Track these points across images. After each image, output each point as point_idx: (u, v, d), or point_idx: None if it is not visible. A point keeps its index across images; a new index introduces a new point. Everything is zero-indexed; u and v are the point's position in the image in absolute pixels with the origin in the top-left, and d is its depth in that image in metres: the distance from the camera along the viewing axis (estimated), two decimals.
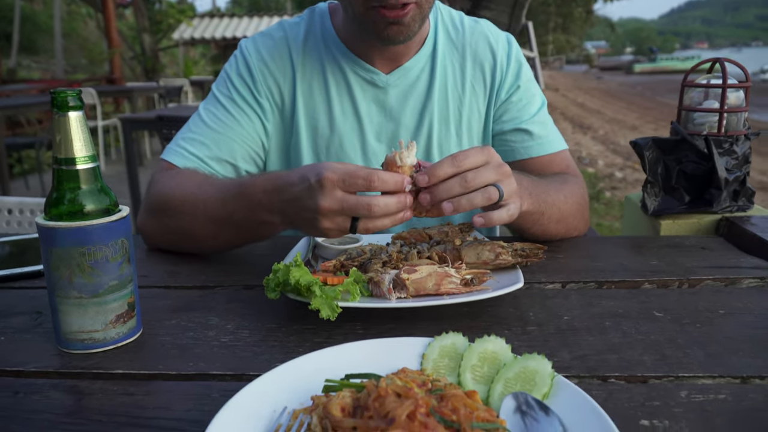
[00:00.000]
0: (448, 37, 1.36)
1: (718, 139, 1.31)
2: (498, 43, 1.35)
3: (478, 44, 1.35)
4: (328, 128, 1.31)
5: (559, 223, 1.19)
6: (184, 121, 1.25)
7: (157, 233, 1.20)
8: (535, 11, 23.04)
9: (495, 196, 0.90)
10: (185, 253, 1.19)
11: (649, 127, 15.38)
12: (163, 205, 1.17)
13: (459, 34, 1.36)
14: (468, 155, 0.90)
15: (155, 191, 1.20)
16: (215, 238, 1.12)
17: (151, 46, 15.09)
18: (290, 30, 1.33)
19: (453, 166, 0.89)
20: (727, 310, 0.91)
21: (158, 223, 1.19)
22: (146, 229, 1.21)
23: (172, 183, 1.19)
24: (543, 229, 1.17)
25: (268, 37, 1.33)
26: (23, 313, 0.93)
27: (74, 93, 0.78)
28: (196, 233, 1.13)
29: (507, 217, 0.93)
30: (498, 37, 1.36)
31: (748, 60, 52.55)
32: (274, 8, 31.36)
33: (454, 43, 1.36)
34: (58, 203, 0.79)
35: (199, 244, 1.16)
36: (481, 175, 0.89)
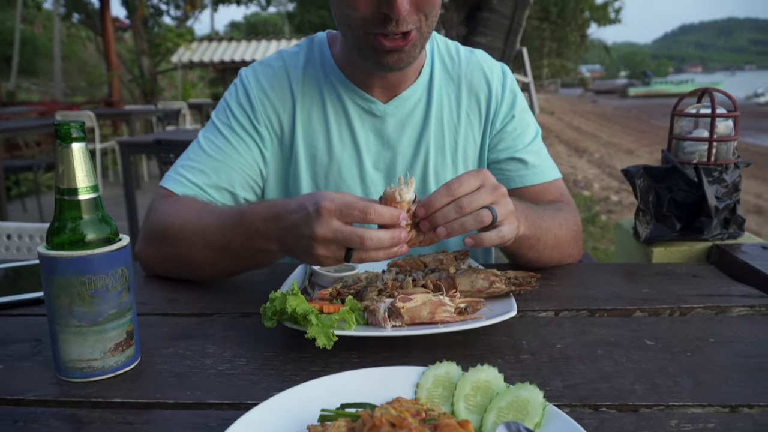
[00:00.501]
0: (444, 67, 1.39)
1: (707, 167, 1.33)
2: (493, 74, 1.38)
3: (474, 74, 1.38)
4: (326, 156, 1.33)
5: (554, 250, 1.20)
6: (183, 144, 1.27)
7: (156, 260, 1.21)
8: (529, 36, 23.29)
9: (488, 218, 0.93)
10: (183, 280, 1.20)
11: (644, 151, 15.49)
12: (162, 233, 1.18)
13: (455, 64, 1.39)
14: (462, 182, 0.93)
15: (154, 219, 1.21)
16: (213, 266, 1.14)
17: (149, 69, 15.21)
18: (289, 59, 1.36)
19: (448, 195, 0.92)
20: (718, 338, 0.92)
21: (157, 251, 1.20)
22: (145, 257, 1.23)
23: (171, 210, 1.20)
24: (538, 255, 1.18)
25: (268, 67, 1.35)
26: (23, 340, 0.94)
27: (77, 125, 0.80)
28: (194, 260, 1.15)
29: (498, 239, 0.95)
30: (493, 67, 1.39)
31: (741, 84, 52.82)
32: (272, 32, 31.66)
33: (450, 73, 1.38)
34: (60, 232, 0.81)
35: (197, 272, 1.18)
36: (476, 200, 0.92)
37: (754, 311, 1.04)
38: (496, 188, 0.95)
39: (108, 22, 12.34)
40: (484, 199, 0.92)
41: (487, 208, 0.93)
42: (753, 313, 1.03)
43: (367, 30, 1.14)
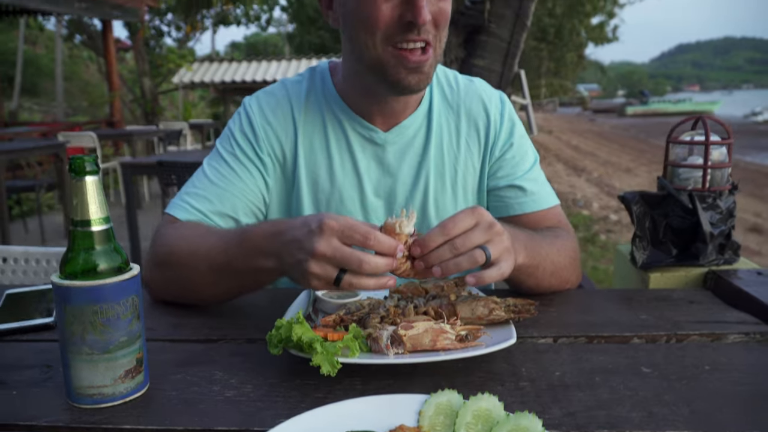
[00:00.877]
0: (443, 95, 1.42)
1: (702, 194, 1.36)
2: (491, 102, 1.41)
3: (473, 103, 1.41)
4: (328, 183, 1.36)
5: (553, 276, 1.23)
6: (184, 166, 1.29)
7: (162, 285, 1.24)
8: (527, 56, 23.51)
9: (481, 259, 0.96)
10: (188, 306, 1.22)
11: (643, 170, 15.56)
12: (168, 257, 1.21)
13: (454, 93, 1.42)
14: (456, 222, 0.96)
15: (160, 244, 1.24)
16: (216, 286, 1.16)
17: (150, 89, 15.31)
18: (292, 88, 1.40)
19: (443, 235, 0.95)
20: (713, 366, 0.94)
21: (162, 276, 1.23)
22: (152, 282, 1.25)
23: (176, 234, 1.23)
24: (537, 282, 1.21)
25: (271, 96, 1.39)
26: (33, 366, 0.96)
27: (91, 159, 0.83)
28: (198, 282, 1.17)
29: (498, 276, 0.99)
30: (491, 96, 1.43)
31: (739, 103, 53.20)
32: (272, 52, 31.93)
33: (449, 102, 1.42)
34: (73, 262, 0.83)
35: (200, 294, 1.20)
36: (470, 240, 0.95)
37: (749, 338, 1.06)
38: (491, 227, 0.98)
39: (110, 43, 12.43)
40: (478, 239, 0.96)
41: (481, 248, 0.96)
42: (748, 341, 1.06)
43: (390, 42, 1.17)
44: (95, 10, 11.04)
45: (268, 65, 16.28)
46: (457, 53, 4.41)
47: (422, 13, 1.12)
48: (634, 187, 12.72)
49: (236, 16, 18.37)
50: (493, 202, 1.40)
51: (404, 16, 1.14)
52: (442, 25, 1.20)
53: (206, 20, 18.56)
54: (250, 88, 16.31)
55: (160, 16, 17.65)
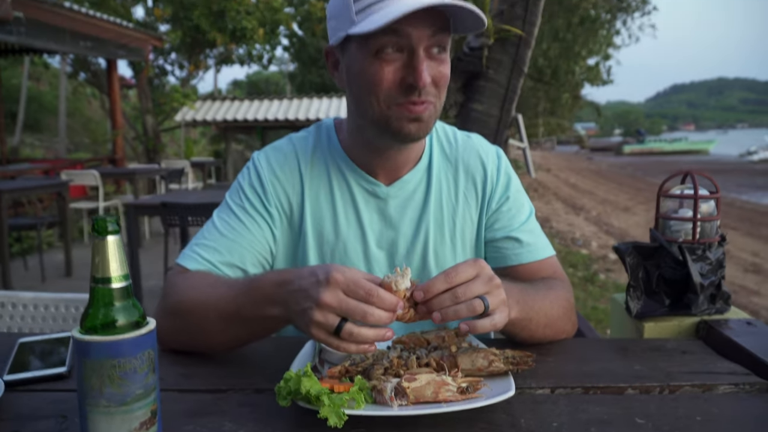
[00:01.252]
0: (443, 151, 1.48)
1: (691, 246, 1.42)
2: (488, 158, 1.48)
3: (470, 158, 1.48)
4: (333, 235, 1.41)
5: (547, 328, 1.27)
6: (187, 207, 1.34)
7: (172, 334, 1.27)
8: (525, 95, 23.86)
9: (480, 308, 1.01)
10: (196, 355, 1.26)
11: (641, 208, 15.68)
12: (178, 305, 1.25)
13: (452, 149, 1.49)
14: (459, 271, 1.02)
15: (171, 293, 1.29)
16: (224, 334, 1.20)
17: (153, 126, 15.50)
18: (299, 143, 1.46)
19: (446, 282, 1.01)
20: (704, 417, 0.98)
21: (172, 324, 1.26)
22: (162, 331, 1.29)
23: (186, 284, 1.28)
24: (531, 334, 1.25)
25: (279, 151, 1.46)
26: (48, 416, 0.99)
27: (112, 219, 0.88)
28: (207, 330, 1.21)
29: (490, 326, 1.04)
30: (488, 151, 1.49)
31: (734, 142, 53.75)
32: (273, 90, 32.38)
33: (448, 157, 1.48)
34: (93, 317, 0.87)
35: (208, 342, 1.24)
36: (470, 289, 1.01)
37: (739, 389, 1.10)
38: (491, 279, 1.04)
39: (114, 81, 12.65)
40: (478, 289, 1.01)
41: (480, 298, 1.01)
42: (738, 391, 1.10)
43: (393, 102, 1.24)
44: (100, 49, 11.27)
45: (270, 104, 16.51)
46: (456, 98, 4.52)
47: (422, 77, 1.19)
48: (633, 225, 12.81)
49: (239, 56, 18.69)
50: (491, 253, 1.45)
51: (406, 79, 1.21)
52: (441, 86, 1.27)
53: (209, 60, 18.89)
54: (251, 127, 16.54)
55: (164, 55, 17.98)
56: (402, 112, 1.24)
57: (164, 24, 16.77)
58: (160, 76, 18.24)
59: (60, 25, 9.47)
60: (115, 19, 11.21)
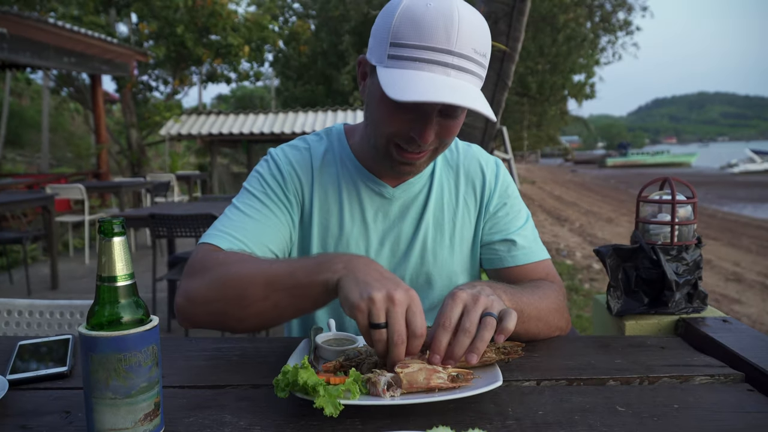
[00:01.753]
0: (445, 158, 1.57)
1: (665, 247, 1.48)
2: (487, 166, 1.56)
3: (471, 164, 1.56)
4: (337, 229, 1.48)
5: (539, 321, 1.32)
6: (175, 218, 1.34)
7: (203, 305, 1.25)
8: (510, 109, 24.15)
9: (494, 323, 1.06)
10: (195, 355, 1.29)
11: (624, 219, 15.86)
12: (220, 270, 1.25)
13: (454, 156, 1.57)
14: (448, 315, 1.07)
15: (209, 262, 1.28)
16: (264, 301, 1.19)
17: (137, 141, 15.47)
18: (312, 143, 1.54)
19: (447, 331, 1.06)
20: (681, 405, 1.04)
21: (208, 293, 1.25)
22: (191, 303, 1.27)
23: (230, 255, 1.30)
24: (525, 328, 1.29)
25: (294, 148, 1.53)
26: (53, 412, 1.03)
27: (119, 221, 0.92)
28: (248, 296, 1.20)
29: (513, 321, 1.08)
30: (488, 160, 1.58)
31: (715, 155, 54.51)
32: (259, 105, 32.43)
33: (450, 163, 1.56)
34: (100, 314, 0.91)
35: (243, 312, 1.22)
36: (472, 318, 1.06)
37: (714, 380, 1.16)
38: (475, 298, 1.09)
39: (99, 97, 12.64)
40: (477, 314, 1.06)
41: (487, 315, 1.06)
42: (713, 382, 1.15)
43: (391, 140, 1.31)
44: (84, 64, 11.27)
45: (255, 117, 16.54)
46: None
47: (425, 135, 1.26)
48: (616, 236, 12.95)
49: (225, 75, 18.66)
50: (487, 255, 1.52)
51: (411, 131, 1.28)
52: (447, 138, 1.33)
53: (194, 76, 18.90)
54: (237, 140, 16.55)
55: (148, 70, 17.97)
56: (400, 154, 1.32)
57: (149, 40, 16.78)
58: (144, 92, 18.21)
59: (44, 40, 9.47)
60: (99, 35, 11.21)
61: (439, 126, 1.28)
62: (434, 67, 1.19)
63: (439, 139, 1.31)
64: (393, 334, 1.01)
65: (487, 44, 1.25)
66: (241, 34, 16.53)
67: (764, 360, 1.17)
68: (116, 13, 16.32)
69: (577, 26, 20.56)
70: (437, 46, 1.18)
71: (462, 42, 1.19)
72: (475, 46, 1.21)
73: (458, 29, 1.18)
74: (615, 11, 23.54)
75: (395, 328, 1.01)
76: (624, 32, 24.02)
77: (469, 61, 1.21)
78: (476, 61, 1.22)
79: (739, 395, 1.09)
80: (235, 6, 17.08)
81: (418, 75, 1.19)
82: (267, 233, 1.40)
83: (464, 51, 1.19)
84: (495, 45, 4.47)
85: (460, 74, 1.20)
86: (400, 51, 1.21)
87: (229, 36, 15.96)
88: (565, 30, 20.18)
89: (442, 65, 1.19)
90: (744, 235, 13.98)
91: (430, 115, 1.25)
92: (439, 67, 1.19)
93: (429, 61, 1.19)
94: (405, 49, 1.20)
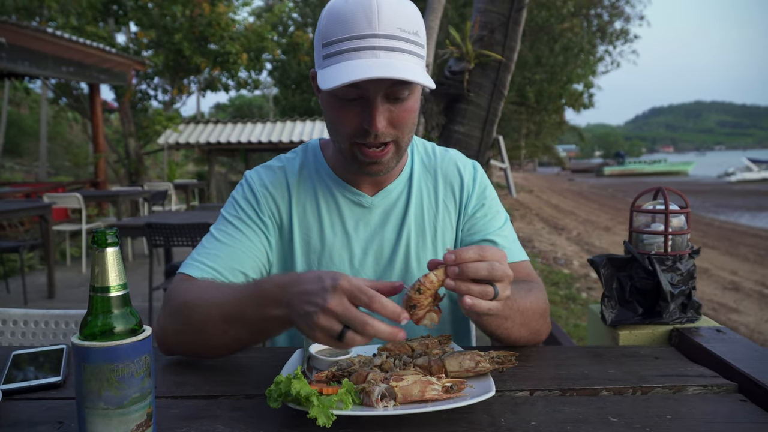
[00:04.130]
0: (422, 163, 1.58)
1: (661, 257, 1.49)
2: (465, 169, 1.58)
3: (448, 168, 1.57)
4: (319, 243, 1.48)
5: (523, 327, 1.32)
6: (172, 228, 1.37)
7: (174, 335, 1.29)
8: (508, 118, 24.23)
9: (489, 293, 1.07)
10: (188, 365, 1.29)
11: (621, 228, 15.88)
12: (183, 305, 1.28)
13: (431, 161, 1.59)
14: (489, 251, 1.07)
15: (176, 296, 1.32)
16: (225, 335, 1.22)
17: (135, 150, 15.48)
18: (287, 162, 1.55)
19: (478, 255, 1.06)
20: (674, 415, 1.04)
21: (175, 325, 1.28)
22: (163, 333, 1.31)
23: (192, 287, 1.32)
24: (507, 333, 1.30)
25: (269, 168, 1.55)
26: (45, 422, 1.03)
27: (112, 232, 0.93)
28: (208, 330, 1.23)
29: (486, 309, 1.08)
30: (465, 163, 1.59)
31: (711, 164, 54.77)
32: (257, 114, 32.47)
33: (428, 168, 1.57)
34: (92, 324, 0.91)
35: (209, 342, 1.25)
36: (497, 271, 1.06)
37: (707, 390, 1.16)
38: (508, 273, 1.09)
39: (97, 106, 12.65)
40: (500, 274, 1.07)
41: (491, 284, 1.07)
42: (706, 392, 1.15)
43: (352, 140, 1.33)
44: (83, 74, 11.29)
45: (253, 126, 16.57)
46: (438, 120, 4.61)
47: (374, 123, 1.27)
48: (613, 244, 12.97)
49: (224, 83, 18.73)
50: None
51: (362, 124, 1.30)
52: (401, 126, 1.33)
53: (192, 85, 18.93)
54: (235, 149, 16.58)
55: (147, 79, 18.01)
56: (363, 152, 1.34)
57: (147, 50, 16.82)
58: (142, 100, 18.24)
59: (42, 50, 9.49)
60: (97, 44, 11.23)
61: (389, 112, 1.29)
62: (361, 53, 1.22)
63: (393, 126, 1.32)
64: (357, 326, 1.00)
65: (415, 23, 1.27)
66: (239, 42, 16.57)
67: (757, 370, 1.17)
68: (114, 23, 16.37)
69: (573, 36, 20.65)
70: (361, 33, 1.22)
71: (385, 24, 1.22)
72: (400, 25, 1.24)
73: (378, 13, 1.22)
74: (612, 21, 23.68)
75: (354, 323, 1.00)
76: (622, 41, 24.15)
77: (397, 40, 1.23)
78: (405, 39, 1.24)
79: (732, 406, 1.09)
80: (234, 15, 17.09)
81: (347, 64, 1.22)
82: (240, 258, 1.42)
83: (389, 31, 1.22)
84: (491, 55, 4.49)
85: (391, 54, 1.23)
86: (330, 48, 1.25)
87: (228, 44, 16.00)
88: (561, 40, 20.28)
89: (369, 49, 1.22)
90: (741, 243, 14.01)
91: (374, 101, 1.27)
92: (366, 52, 1.22)
93: (356, 49, 1.22)
94: (334, 45, 1.24)
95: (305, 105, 23.97)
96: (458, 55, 4.58)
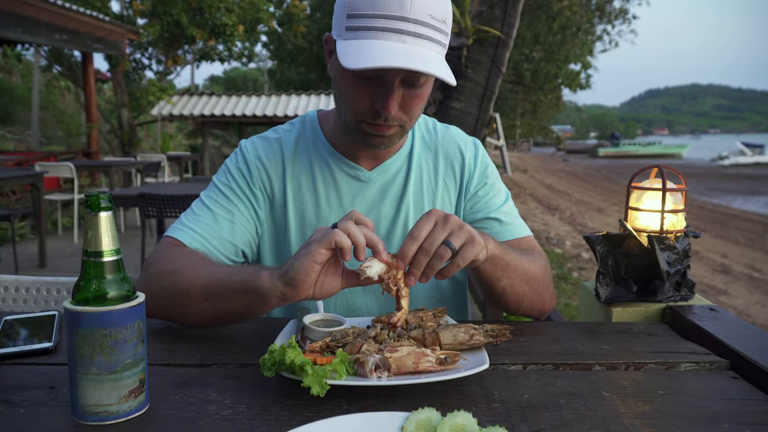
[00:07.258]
0: (423, 140, 1.56)
1: (659, 236, 1.48)
2: (466, 146, 1.55)
3: (449, 146, 1.55)
4: (314, 217, 1.47)
5: (526, 282, 1.33)
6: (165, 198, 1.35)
7: (154, 299, 1.24)
8: (504, 97, 24.12)
9: (447, 254, 1.08)
10: (181, 332, 1.29)
11: (614, 209, 15.93)
12: (168, 269, 1.27)
13: (432, 138, 1.56)
14: (421, 226, 1.10)
15: (163, 260, 1.31)
16: (204, 302, 1.20)
17: (128, 120, 15.33)
18: (284, 133, 1.53)
19: (415, 242, 1.08)
20: (666, 390, 1.04)
21: (157, 288, 1.26)
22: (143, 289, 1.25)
23: (181, 253, 1.32)
24: (511, 284, 1.30)
25: (264, 139, 1.53)
26: (37, 387, 1.02)
27: (105, 196, 0.91)
28: (189, 296, 1.21)
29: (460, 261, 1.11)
30: (466, 141, 1.57)
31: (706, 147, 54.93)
32: (251, 87, 32.18)
33: (428, 145, 1.55)
34: (85, 290, 0.90)
35: (186, 311, 1.24)
36: (435, 239, 1.08)
37: (699, 367, 1.16)
38: (446, 219, 1.10)
39: (90, 75, 12.48)
40: (440, 236, 1.08)
41: (445, 244, 1.08)
42: (698, 369, 1.16)
43: (359, 118, 1.31)
44: (76, 41, 11.14)
45: (248, 99, 16.42)
46: (435, 96, 4.58)
47: (388, 106, 1.26)
48: (606, 225, 13.02)
49: (219, 53, 18.53)
50: None
51: (375, 104, 1.28)
52: (411, 111, 1.32)
53: (188, 55, 18.71)
54: (229, 122, 16.45)
55: (141, 49, 17.78)
56: (369, 128, 1.32)
57: (143, 18, 16.57)
58: (137, 70, 18.02)
59: (35, 16, 9.33)
60: (92, 12, 11.05)
61: (402, 97, 1.28)
62: (389, 34, 1.19)
63: (404, 111, 1.30)
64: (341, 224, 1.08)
65: (445, 10, 1.24)
66: (235, 13, 16.34)
67: (749, 348, 1.17)
68: None
69: (571, 14, 20.49)
70: (391, 14, 1.18)
71: (417, 8, 1.18)
72: (431, 11, 1.20)
73: None
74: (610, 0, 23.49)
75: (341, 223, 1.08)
76: (621, 20, 23.99)
77: (426, 27, 1.20)
78: (434, 26, 1.21)
79: (724, 382, 1.10)
80: None
81: (372, 44, 1.19)
82: (229, 226, 1.42)
83: (420, 17, 1.19)
84: (490, 31, 4.45)
85: (417, 40, 1.20)
86: (356, 22, 1.21)
87: (224, 16, 15.78)
88: (560, 18, 20.12)
89: (397, 32, 1.19)
90: (732, 227, 14.08)
91: (392, 85, 1.25)
92: (394, 35, 1.19)
93: (384, 29, 1.19)
94: (360, 20, 1.20)
95: (301, 79, 23.76)
96: (456, 31, 4.54)
